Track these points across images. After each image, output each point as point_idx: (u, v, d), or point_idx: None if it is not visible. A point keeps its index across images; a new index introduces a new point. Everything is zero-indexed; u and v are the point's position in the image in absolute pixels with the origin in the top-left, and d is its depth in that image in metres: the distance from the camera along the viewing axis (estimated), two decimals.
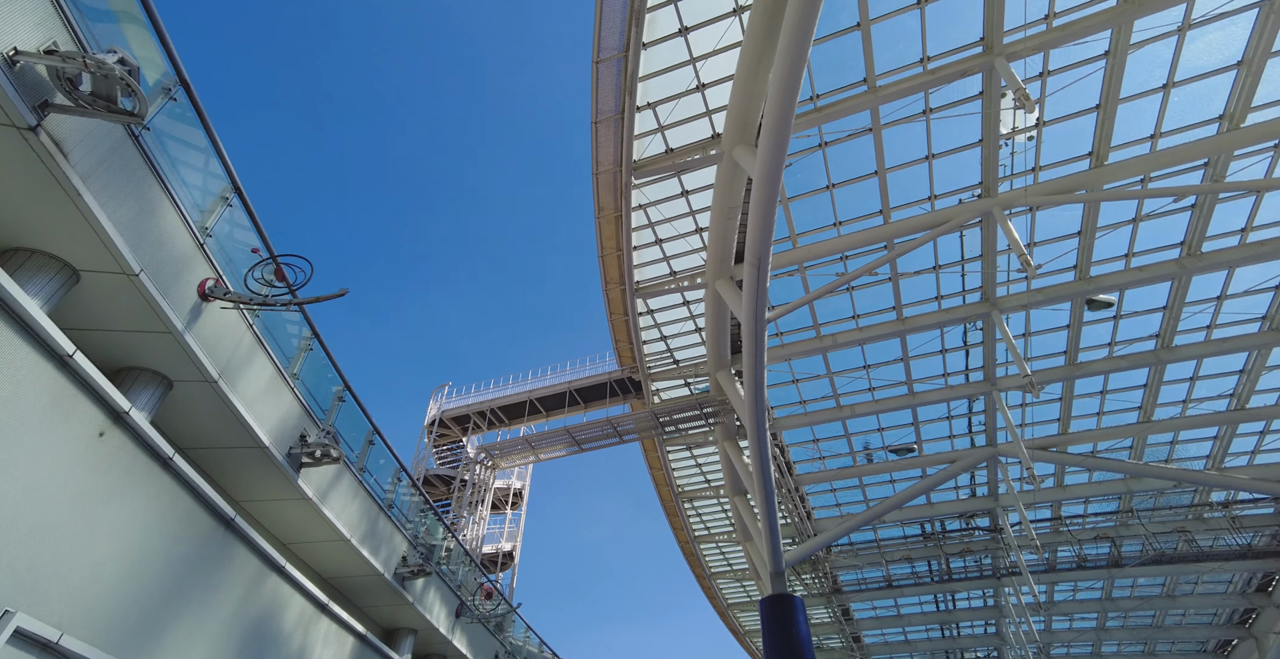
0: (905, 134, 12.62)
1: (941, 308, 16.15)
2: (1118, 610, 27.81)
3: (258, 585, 6.78)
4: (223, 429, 6.90)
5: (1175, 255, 14.35)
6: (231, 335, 6.59)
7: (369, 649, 8.90)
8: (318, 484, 8.18)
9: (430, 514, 11.32)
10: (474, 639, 12.58)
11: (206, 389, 6.37)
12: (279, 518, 8.26)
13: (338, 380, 8.81)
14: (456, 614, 11.73)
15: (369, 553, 9.16)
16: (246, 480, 7.64)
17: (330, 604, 8.00)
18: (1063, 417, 19.57)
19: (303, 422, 7.89)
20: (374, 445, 9.78)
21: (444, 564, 11.41)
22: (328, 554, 9.01)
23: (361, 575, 9.50)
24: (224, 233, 6.40)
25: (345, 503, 8.79)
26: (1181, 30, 10.44)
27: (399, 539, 10.17)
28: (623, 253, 14.71)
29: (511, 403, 19.27)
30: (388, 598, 10.06)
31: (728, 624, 33.84)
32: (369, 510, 9.36)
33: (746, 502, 20.99)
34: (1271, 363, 17.13)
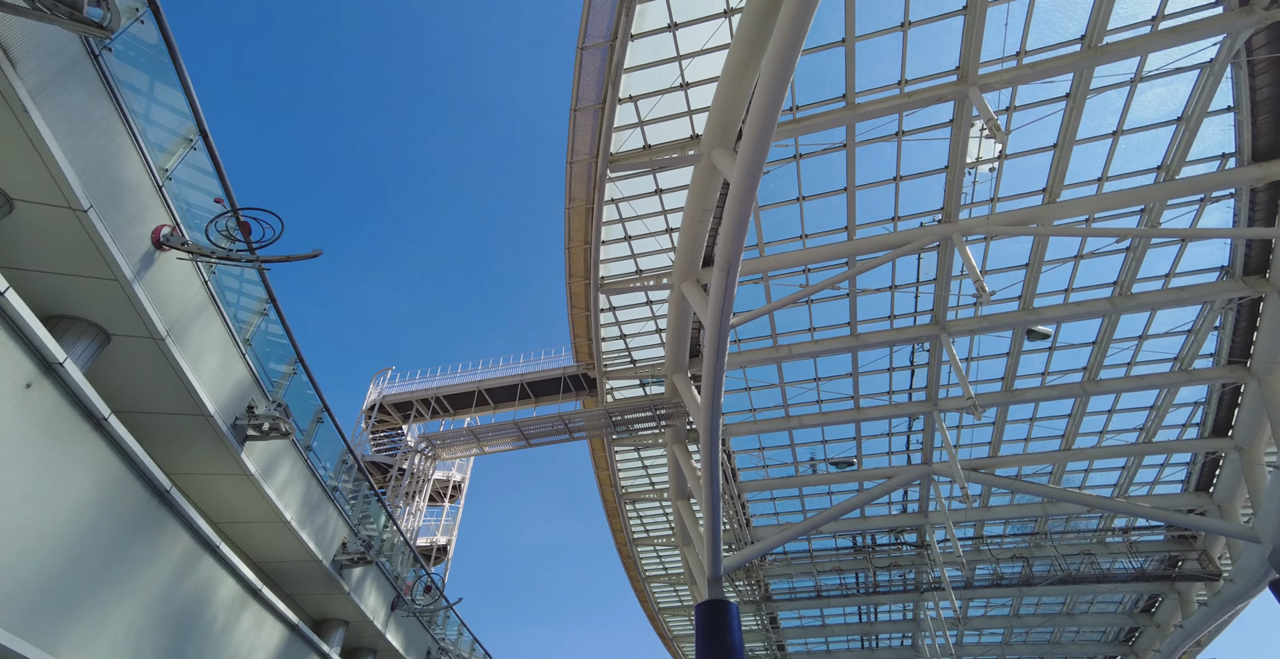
0: (876, 154, 12.99)
1: (894, 327, 16.68)
2: (1023, 626, 29.38)
3: (188, 565, 6.23)
4: (162, 393, 6.30)
5: (1108, 294, 15.30)
6: (183, 291, 6.04)
7: (299, 640, 8.36)
8: (261, 460, 7.62)
9: (374, 501, 10.79)
10: (408, 634, 12.05)
11: (150, 348, 5.80)
12: (214, 494, 7.64)
13: (291, 352, 8.27)
14: (392, 607, 11.21)
15: (309, 537, 8.62)
16: (182, 451, 7.02)
17: (263, 589, 7.46)
18: (994, 440, 20.55)
19: (251, 392, 7.34)
20: (322, 424, 9.24)
21: (383, 555, 10.89)
22: (263, 536, 8.42)
23: (297, 561, 8.93)
24: (186, 178, 5.87)
25: (288, 482, 8.25)
26: (1133, 82, 11.15)
27: (340, 525, 9.64)
28: (590, 246, 14.53)
29: (458, 392, 18.68)
30: (322, 586, 9.50)
31: (657, 629, 33.83)
32: (312, 492, 8.82)
33: (690, 506, 21.06)
34: (1179, 401, 18.51)
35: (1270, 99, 11.09)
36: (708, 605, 17.47)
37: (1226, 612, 21.33)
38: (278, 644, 7.91)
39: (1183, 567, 23.78)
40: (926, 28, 10.76)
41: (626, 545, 26.20)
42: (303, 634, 8.41)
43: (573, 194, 13.61)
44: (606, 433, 17.97)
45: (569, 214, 14.15)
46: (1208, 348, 16.76)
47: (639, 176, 13.36)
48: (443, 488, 20.96)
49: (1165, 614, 26.43)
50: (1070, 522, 24.21)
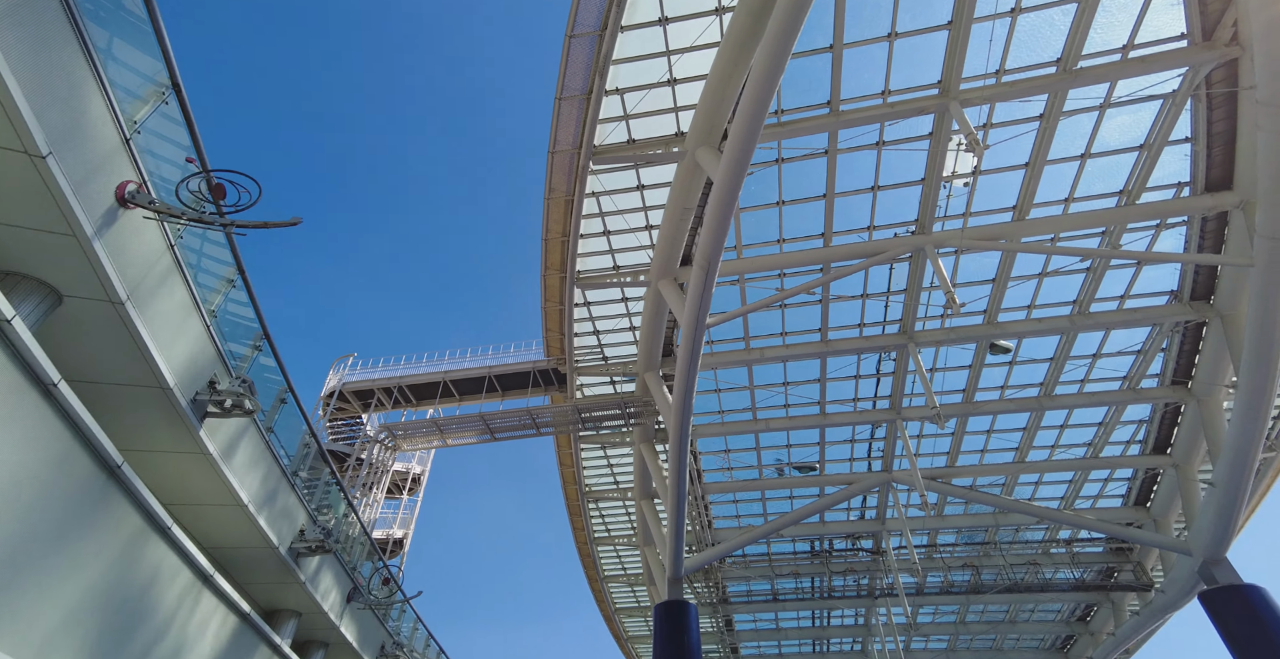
0: (855, 162, 13.21)
1: (863, 335, 16.98)
2: (968, 633, 30.28)
3: (136, 547, 5.84)
4: (118, 362, 5.89)
5: (1068, 312, 15.88)
6: (147, 255, 5.66)
7: (250, 630, 7.97)
8: (221, 439, 7.24)
9: (334, 488, 10.42)
10: (362, 628, 11.65)
11: (107, 312, 5.42)
12: (167, 473, 7.22)
13: (256, 328, 7.89)
14: (348, 599, 10.82)
15: (266, 523, 8.23)
16: (135, 426, 6.59)
17: (215, 576, 7.08)
18: (952, 451, 21.10)
19: (214, 366, 6.97)
20: (285, 405, 8.86)
21: (341, 544, 10.50)
22: (217, 520, 8.00)
23: (251, 548, 8.52)
24: (156, 132, 5.51)
25: (248, 464, 7.86)
26: (1102, 107, 11.61)
27: (299, 511, 9.25)
28: (569, 239, 14.39)
29: (423, 382, 18.23)
30: (275, 575, 9.09)
31: (612, 629, 33.67)
32: (271, 475, 8.43)
33: (653, 506, 21.02)
34: (1125, 418, 19.33)
35: (1224, 132, 11.68)
36: (667, 606, 17.45)
37: (1156, 621, 22.34)
38: (228, 634, 7.54)
39: (1118, 578, 24.85)
40: (912, 40, 11.00)
41: (586, 544, 26.01)
42: (254, 624, 8.04)
43: (553, 185, 13.45)
44: (574, 429, 17.81)
45: (548, 205, 13.98)
46: (1154, 369, 17.55)
47: (621, 171, 13.30)
48: (401, 480, 20.44)
49: (1099, 623, 27.54)
50: (1019, 532, 25.02)
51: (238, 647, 7.73)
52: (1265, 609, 15.47)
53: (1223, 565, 16.49)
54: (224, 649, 7.47)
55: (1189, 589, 18.95)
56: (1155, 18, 10.25)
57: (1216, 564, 16.51)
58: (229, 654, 7.56)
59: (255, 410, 6.88)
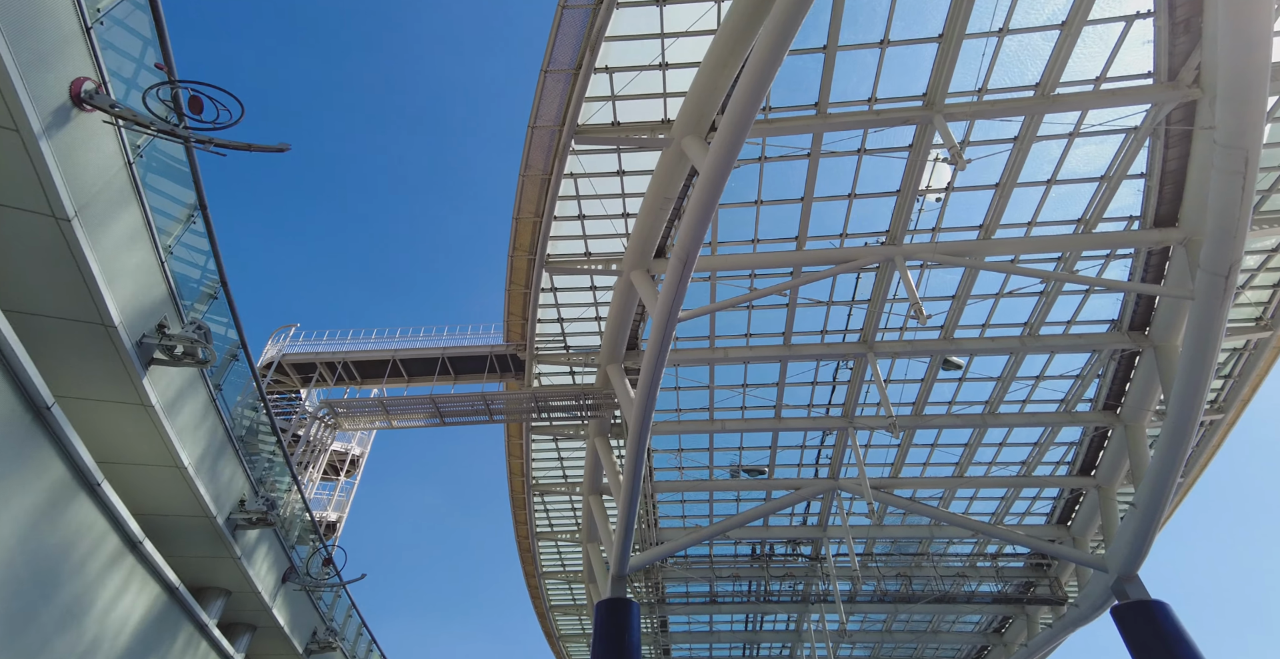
0: (835, 168, 13.34)
1: (824, 342, 17.21)
2: (892, 642, 31.18)
3: (59, 502, 5.13)
4: (56, 291, 5.10)
5: (1018, 333, 16.53)
6: (101, 167, 4.93)
7: (176, 606, 7.22)
8: (165, 391, 6.48)
9: (279, 459, 9.66)
10: (294, 611, 10.83)
11: (49, 230, 4.67)
12: (99, 425, 6.41)
13: (213, 273, 7.16)
14: (283, 579, 10.05)
15: (205, 490, 7.47)
16: (70, 368, 5.78)
17: (144, 543, 6.35)
18: (896, 462, 21.68)
19: (164, 308, 6.22)
20: (236, 362, 8.11)
21: (283, 520, 9.73)
22: (151, 482, 7.18)
23: (185, 516, 7.72)
24: (122, 24, 4.83)
25: (193, 422, 7.11)
26: (1071, 136, 12.11)
27: (241, 480, 8.49)
28: (541, 220, 13.97)
29: (370, 359, 17.33)
30: (208, 548, 8.29)
31: (544, 626, 33.05)
32: (216, 438, 7.68)
33: (601, 502, 20.70)
34: (1061, 439, 20.31)
35: (1175, 171, 12.37)
36: (610, 604, 17.16)
37: (1067, 633, 23.53)
38: (152, 609, 6.81)
39: (1035, 592, 26.08)
40: (901, 51, 11.17)
41: (528, 539, 25.40)
42: (181, 600, 7.30)
43: (530, 161, 13.01)
44: (528, 418, 17.32)
45: (523, 183, 13.53)
46: (1089, 394, 18.49)
47: (602, 154, 13.01)
48: (340, 461, 19.41)
49: (1013, 634, 28.82)
50: (950, 545, 25.93)
51: (161, 623, 7.00)
52: (1169, 624, 16.45)
53: (1135, 582, 17.45)
54: (146, 625, 6.74)
55: (1101, 603, 20.02)
56: (1128, 53, 10.75)
57: (1129, 581, 17.46)
58: (151, 631, 6.84)
59: (210, 361, 6.21)
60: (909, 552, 26.42)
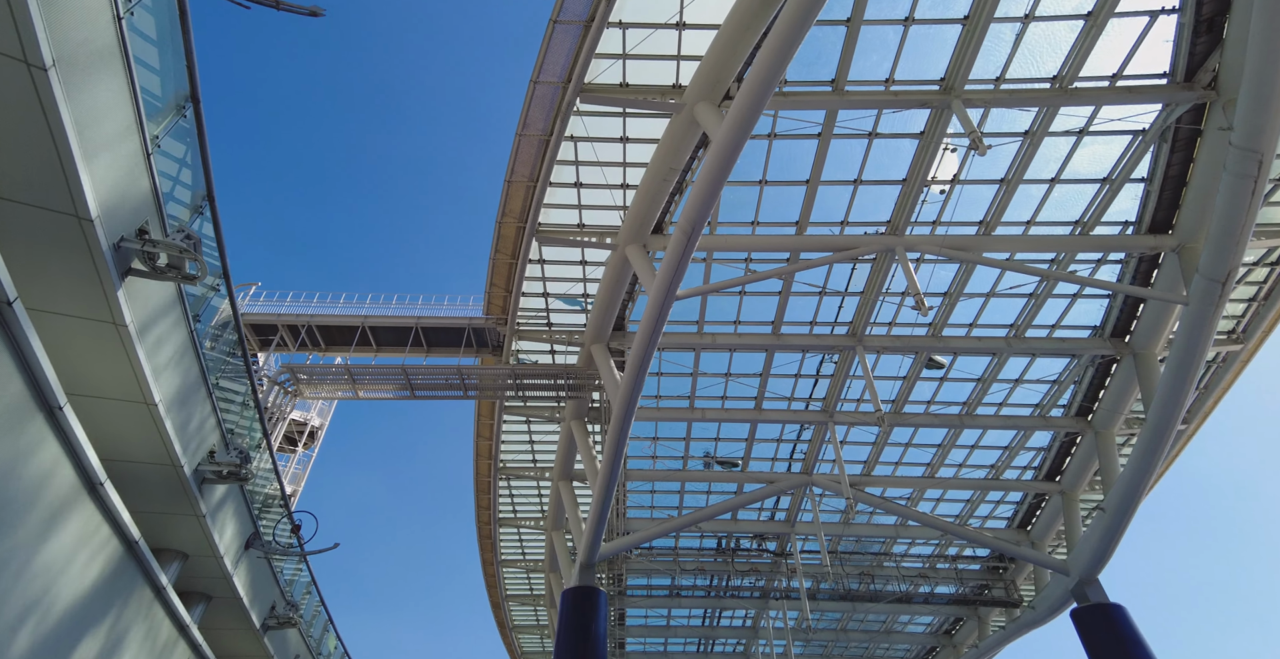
0: (844, 151, 13.02)
1: (813, 333, 16.95)
2: (845, 641, 31.44)
3: (12, 426, 4.27)
4: (22, 163, 4.20)
5: (1004, 334, 16.58)
6: (87, 15, 4.08)
7: (134, 565, 6.31)
8: (141, 310, 5.56)
9: (251, 409, 8.73)
10: (255, 582, 9.87)
11: (18, 79, 3.77)
12: (62, 347, 5.44)
13: (200, 184, 6.24)
14: (246, 545, 9.12)
15: (174, 433, 6.56)
16: (33, 273, 4.84)
17: (104, 485, 5.45)
18: (869, 460, 21.66)
19: (147, 210, 5.31)
20: (217, 294, 7.19)
21: (254, 475, 8.78)
22: (113, 420, 6.22)
23: (148, 463, 6.77)
24: None
25: (168, 352, 6.18)
26: (1081, 133, 12.06)
27: (212, 428, 7.57)
28: (536, 185, 13.25)
29: (337, 324, 16.25)
30: (170, 503, 7.34)
31: (498, 617, 32.21)
32: (191, 374, 6.76)
33: (571, 488, 20.06)
34: (1030, 444, 20.60)
35: (1176, 177, 12.46)
36: (577, 592, 16.57)
37: (1020, 635, 24.01)
38: (106, 564, 5.91)
39: (990, 594, 26.56)
40: (925, 31, 10.89)
41: (489, 524, 24.57)
42: (140, 557, 6.39)
43: (528, 120, 12.28)
44: (503, 396, 16.55)
45: (519, 143, 12.77)
46: (1064, 400, 18.76)
47: (607, 117, 12.38)
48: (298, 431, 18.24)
49: (963, 636, 29.35)
50: (911, 546, 26.19)
51: (115, 582, 6.09)
52: (1126, 627, 16.79)
53: (1094, 586, 17.78)
54: (97, 583, 5.85)
55: (1058, 606, 20.42)
56: (1146, 52, 10.70)
57: (1090, 584, 17.78)
58: (104, 590, 5.95)
59: (199, 276, 5.32)
60: (871, 551, 26.58)
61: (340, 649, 15.33)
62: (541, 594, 30.08)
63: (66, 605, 5.57)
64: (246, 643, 10.36)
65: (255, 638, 10.27)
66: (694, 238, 10.81)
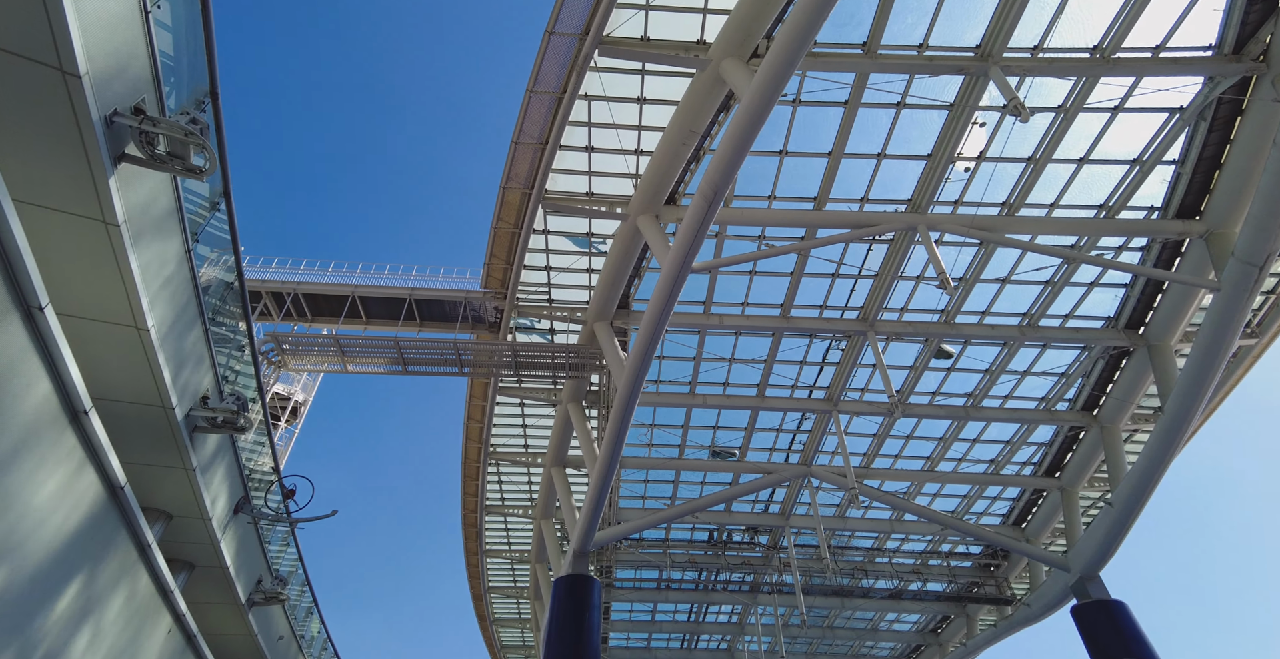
0: (869, 123, 12.47)
1: (823, 317, 16.42)
2: (831, 638, 31.10)
3: None
4: None
5: (1016, 322, 16.20)
6: None
7: (116, 514, 5.47)
8: (135, 206, 4.70)
9: (247, 354, 7.90)
10: (242, 551, 9.02)
11: None
12: (37, 247, 4.56)
13: (202, 78, 5.35)
14: (236, 509, 8.29)
15: (167, 368, 5.71)
16: (8, 149, 4.00)
17: (89, 414, 4.63)
18: (869, 452, 21.24)
19: (144, 86, 4.46)
20: (217, 213, 6.34)
21: (249, 428, 7.90)
22: (95, 346, 5.37)
23: (134, 403, 5.91)
24: None
25: (163, 271, 5.33)
26: (1116, 110, 11.63)
27: (206, 369, 6.73)
28: (545, 147, 12.50)
29: (325, 293, 15.35)
30: (157, 452, 6.48)
31: (478, 609, 31.37)
32: (187, 302, 5.91)
33: (564, 475, 19.36)
34: (1033, 439, 20.32)
35: (1209, 159, 12.10)
36: (570, 580, 15.87)
37: (1011, 633, 23.83)
38: (85, 511, 5.08)
39: (980, 591, 26.35)
40: None
41: (475, 512, 23.74)
42: (124, 506, 5.55)
43: (541, 75, 11.52)
44: (499, 373, 15.76)
45: (529, 100, 12.01)
46: (1070, 394, 18.47)
47: (624, 74, 11.67)
48: (280, 406, 17.28)
49: (949, 635, 29.16)
50: (904, 542, 25.86)
51: (94, 534, 5.27)
52: (1128, 623, 16.54)
53: (1096, 582, 17.52)
54: (79, 529, 5.02)
55: (1055, 603, 20.20)
56: (1195, 20, 10.29)
57: (1091, 581, 17.52)
58: (79, 543, 5.12)
59: (207, 169, 4.48)
60: (863, 546, 26.22)
61: (324, 634, 14.45)
62: (525, 586, 29.32)
63: (38, 557, 4.77)
64: (229, 619, 9.53)
65: (239, 614, 9.44)
66: (715, 204, 10.16)
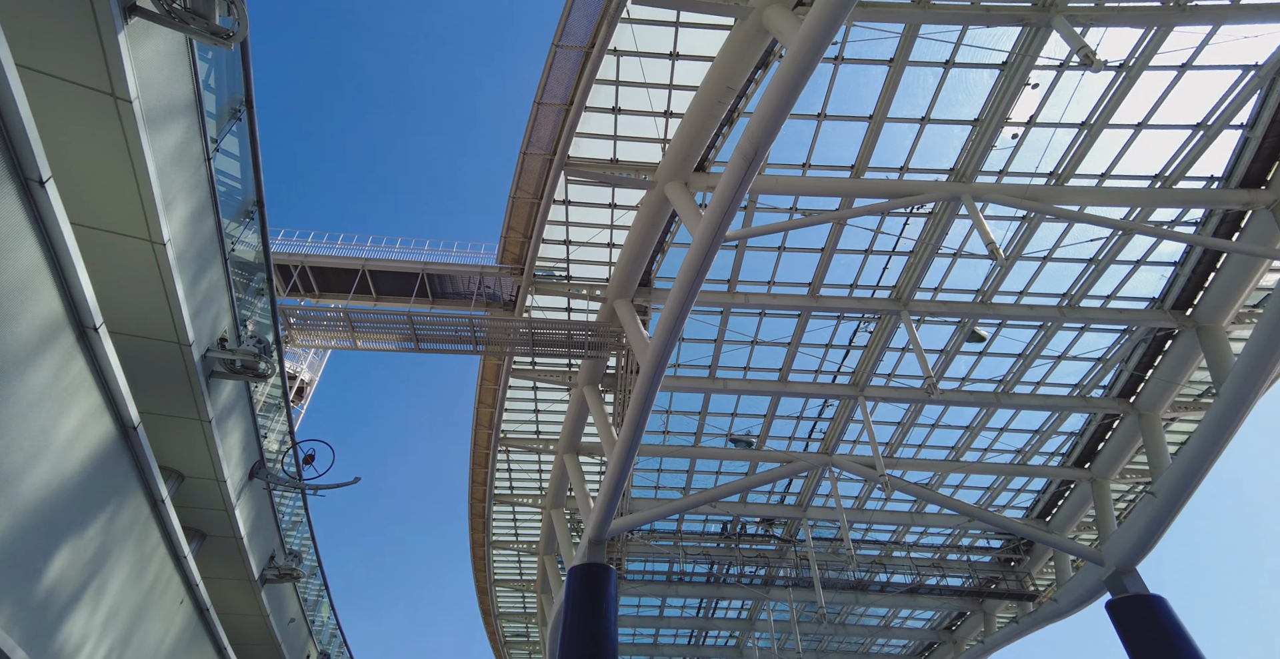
0: (914, 84, 11.73)
1: (853, 296, 15.70)
2: (843, 635, 30.42)
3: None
4: None
5: (1056, 302, 15.47)
6: None
7: (126, 460, 4.78)
8: (150, 85, 3.98)
9: (265, 300, 7.19)
10: (256, 524, 8.31)
11: None
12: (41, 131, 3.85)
13: None
14: (251, 474, 7.59)
15: (184, 294, 5.00)
16: None
17: (99, 329, 3.95)
18: (892, 440, 20.54)
19: None
20: (239, 123, 5.63)
21: (270, 375, 7.15)
22: (106, 262, 4.66)
23: (147, 337, 5.21)
24: None
25: (183, 173, 4.61)
26: (1182, 68, 10.87)
27: (224, 303, 6.03)
28: (571, 107, 11.76)
29: (334, 266, 14.62)
30: (168, 399, 5.80)
31: (482, 603, 30.76)
32: (205, 222, 5.20)
33: (577, 462, 18.65)
34: (1063, 429, 19.60)
35: None
36: (586, 569, 15.16)
37: (1035, 630, 23.11)
38: (93, 449, 4.41)
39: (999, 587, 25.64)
40: None
41: (483, 501, 23.06)
42: (136, 450, 4.85)
43: (568, 27, 10.78)
44: (514, 351, 15.01)
45: (554, 56, 11.26)
46: (1105, 381, 17.75)
47: (658, 26, 10.92)
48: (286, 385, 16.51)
49: (964, 632, 28.49)
50: (923, 536, 25.17)
51: (103, 480, 4.58)
52: (1168, 619, 15.83)
53: (1133, 576, 16.82)
54: (80, 474, 4.34)
55: (1086, 599, 19.48)
56: None
57: (1127, 574, 16.81)
58: (86, 487, 4.44)
59: (235, 35, 3.75)
60: (880, 540, 25.53)
61: (334, 621, 13.73)
62: (531, 580, 28.66)
63: (36, 497, 4.08)
64: (240, 597, 8.83)
65: (251, 591, 8.75)
66: (755, 163, 9.43)
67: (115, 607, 5.67)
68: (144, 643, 6.49)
